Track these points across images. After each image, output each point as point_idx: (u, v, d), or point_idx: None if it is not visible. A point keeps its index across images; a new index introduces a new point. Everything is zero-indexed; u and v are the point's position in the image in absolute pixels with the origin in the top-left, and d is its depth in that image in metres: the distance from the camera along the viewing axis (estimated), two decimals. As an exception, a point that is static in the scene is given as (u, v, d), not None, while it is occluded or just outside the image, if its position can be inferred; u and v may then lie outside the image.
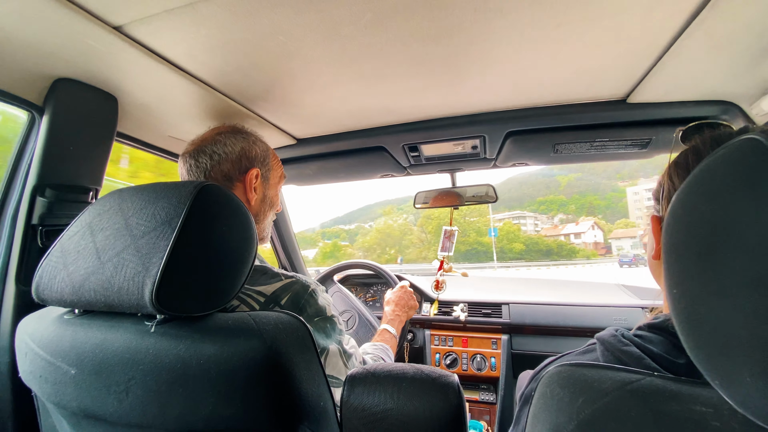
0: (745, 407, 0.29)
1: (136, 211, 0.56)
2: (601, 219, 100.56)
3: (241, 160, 0.81)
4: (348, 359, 0.79)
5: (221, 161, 0.79)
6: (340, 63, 0.75)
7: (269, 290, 0.73)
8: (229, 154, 0.80)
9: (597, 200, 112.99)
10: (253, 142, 0.84)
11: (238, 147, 0.81)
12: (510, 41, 0.68)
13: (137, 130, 1.00)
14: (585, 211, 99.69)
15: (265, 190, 0.87)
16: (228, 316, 0.56)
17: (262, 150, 0.85)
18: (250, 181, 0.82)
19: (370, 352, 1.07)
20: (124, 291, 0.52)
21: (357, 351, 0.85)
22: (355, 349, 0.84)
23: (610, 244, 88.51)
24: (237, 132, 0.83)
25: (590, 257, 73.12)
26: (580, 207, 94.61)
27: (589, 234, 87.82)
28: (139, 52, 0.69)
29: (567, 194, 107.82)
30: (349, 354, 0.80)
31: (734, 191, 0.31)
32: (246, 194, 0.82)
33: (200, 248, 0.54)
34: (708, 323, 0.31)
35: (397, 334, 1.28)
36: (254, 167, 0.83)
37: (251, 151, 0.83)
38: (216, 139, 0.80)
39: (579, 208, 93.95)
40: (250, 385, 0.50)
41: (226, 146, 0.80)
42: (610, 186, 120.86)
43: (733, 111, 0.88)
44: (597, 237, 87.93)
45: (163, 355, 0.52)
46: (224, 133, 0.82)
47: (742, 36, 0.64)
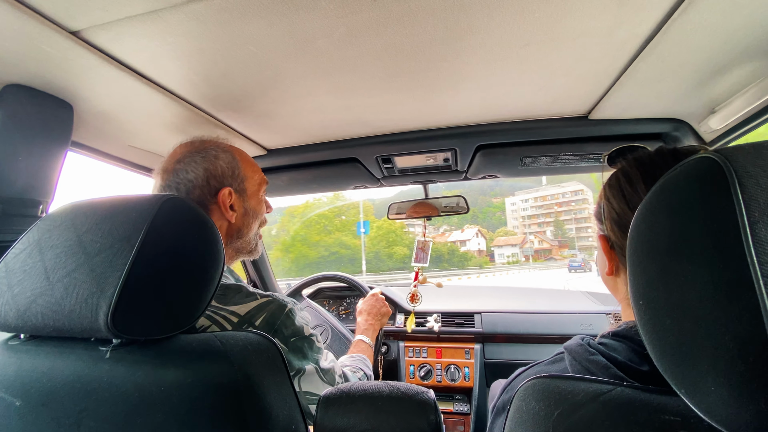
0: (710, 415, 0.30)
1: (90, 226, 0.52)
2: (483, 227, 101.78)
3: (209, 182, 0.76)
4: (325, 375, 0.77)
5: (189, 191, 0.74)
6: (313, 75, 0.75)
7: (243, 310, 0.69)
8: (195, 180, 0.74)
9: (476, 211, 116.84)
10: (214, 157, 0.77)
11: (201, 170, 0.75)
12: (480, 59, 0.70)
13: (94, 140, 0.94)
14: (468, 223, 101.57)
15: (245, 203, 0.82)
16: (192, 338, 0.53)
17: (227, 163, 0.79)
18: (223, 202, 0.77)
19: (348, 364, 1.04)
20: (76, 314, 0.48)
21: (336, 364, 0.83)
22: (333, 363, 0.82)
23: (493, 252, 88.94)
24: (195, 152, 0.77)
25: (483, 265, 70.51)
26: (462, 218, 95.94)
27: (474, 241, 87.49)
28: (99, 58, 0.66)
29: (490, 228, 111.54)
30: (327, 369, 0.78)
31: (691, 206, 0.32)
32: (224, 215, 0.77)
33: (161, 266, 0.51)
34: (673, 333, 0.32)
35: (372, 343, 1.26)
36: (224, 186, 0.77)
37: (216, 169, 0.77)
38: (176, 168, 0.74)
39: (461, 219, 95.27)
40: (216, 412, 0.47)
41: (189, 173, 0.74)
42: (485, 201, 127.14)
43: (684, 128, 0.95)
44: (481, 245, 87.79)
45: (119, 382, 0.48)
46: (183, 159, 0.75)
47: (691, 60, 0.68)
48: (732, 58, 0.67)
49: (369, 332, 1.30)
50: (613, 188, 0.55)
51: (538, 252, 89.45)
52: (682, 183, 0.34)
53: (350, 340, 1.55)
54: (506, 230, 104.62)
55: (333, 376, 0.79)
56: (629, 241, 0.39)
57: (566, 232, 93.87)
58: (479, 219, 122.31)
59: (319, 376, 0.76)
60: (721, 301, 0.29)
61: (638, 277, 0.37)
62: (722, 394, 0.28)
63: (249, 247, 0.85)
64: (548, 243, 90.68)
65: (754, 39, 0.62)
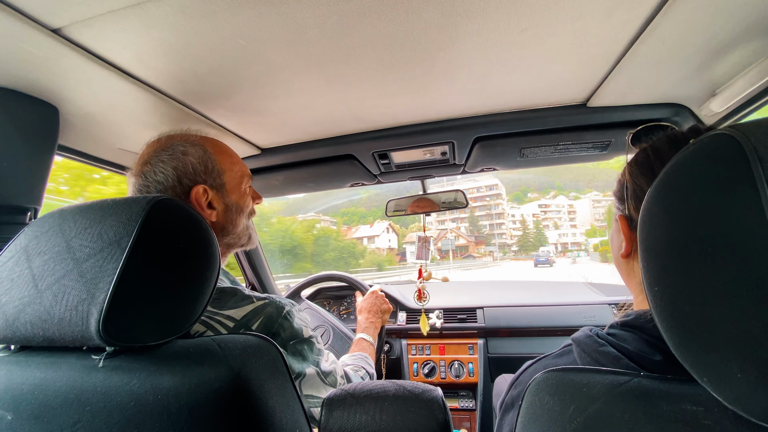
0: (737, 404, 0.29)
1: (79, 231, 0.50)
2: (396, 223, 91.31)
3: (181, 181, 0.71)
4: (327, 377, 0.75)
5: (163, 192, 0.70)
6: (305, 68, 0.72)
7: (239, 314, 0.67)
8: (164, 181, 0.70)
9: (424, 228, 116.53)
10: (182, 153, 0.72)
11: (170, 169, 0.70)
12: (476, 46, 0.69)
13: (82, 143, 0.91)
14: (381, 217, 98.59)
15: (225, 199, 0.77)
16: (189, 343, 0.51)
17: (198, 158, 0.73)
18: (198, 201, 0.72)
19: (350, 363, 1.02)
20: (66, 322, 0.46)
21: (337, 365, 0.81)
22: (335, 364, 0.80)
23: (404, 250, 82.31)
24: (161, 151, 0.72)
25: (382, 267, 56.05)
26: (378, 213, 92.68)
27: (384, 238, 77.40)
28: (82, 56, 0.63)
29: (367, 207, 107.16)
30: (328, 372, 0.76)
31: (709, 184, 0.31)
32: (203, 214, 0.72)
33: (155, 270, 0.49)
34: (692, 320, 0.31)
35: (374, 341, 1.25)
36: (197, 184, 0.72)
37: (186, 167, 0.71)
38: (144, 171, 0.70)
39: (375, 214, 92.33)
40: (217, 419, 0.45)
41: (156, 174, 0.70)
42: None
43: (684, 113, 0.93)
44: (391, 241, 79.12)
45: (114, 392, 0.46)
46: (149, 160, 0.71)
47: (691, 41, 0.67)
48: (734, 37, 0.66)
49: (370, 330, 1.28)
50: (641, 165, 0.52)
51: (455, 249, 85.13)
52: (697, 161, 0.33)
53: (352, 339, 1.54)
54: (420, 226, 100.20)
55: (335, 378, 0.78)
56: (641, 224, 0.38)
57: (481, 229, 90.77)
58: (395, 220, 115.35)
59: (321, 378, 0.74)
60: (744, 283, 0.27)
61: (653, 262, 0.35)
62: (749, 380, 0.27)
63: (240, 242, 0.81)
64: (465, 239, 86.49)
65: (757, 16, 0.61)
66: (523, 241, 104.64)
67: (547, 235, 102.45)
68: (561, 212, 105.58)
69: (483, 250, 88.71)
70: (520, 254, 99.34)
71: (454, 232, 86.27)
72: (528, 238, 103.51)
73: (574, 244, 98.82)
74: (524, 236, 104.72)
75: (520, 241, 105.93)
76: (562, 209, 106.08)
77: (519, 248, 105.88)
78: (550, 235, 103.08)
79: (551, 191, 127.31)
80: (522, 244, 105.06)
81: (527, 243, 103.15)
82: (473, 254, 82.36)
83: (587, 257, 73.97)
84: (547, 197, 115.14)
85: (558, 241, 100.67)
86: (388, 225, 79.86)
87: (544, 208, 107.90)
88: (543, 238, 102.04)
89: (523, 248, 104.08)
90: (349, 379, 0.85)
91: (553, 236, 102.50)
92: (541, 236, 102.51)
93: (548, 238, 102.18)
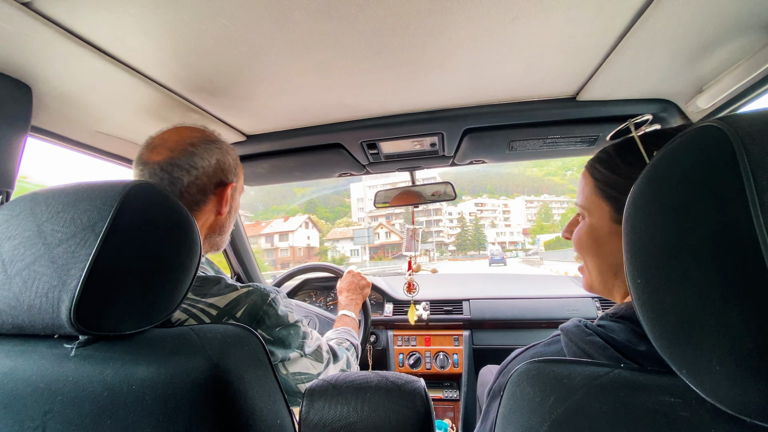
0: (715, 396, 0.29)
1: (51, 215, 0.48)
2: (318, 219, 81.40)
3: (217, 174, 0.75)
4: (313, 355, 0.78)
5: (199, 176, 0.72)
6: (291, 52, 0.70)
7: (223, 302, 0.67)
8: (206, 167, 0.73)
9: (327, 212, 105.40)
10: (226, 151, 0.78)
11: (214, 159, 0.75)
12: (467, 33, 0.67)
13: (57, 125, 0.87)
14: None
15: (233, 201, 0.81)
16: (166, 332, 0.49)
17: (233, 159, 0.80)
18: (225, 198, 0.77)
19: (333, 337, 1.06)
20: (36, 309, 0.45)
21: (321, 341, 0.83)
22: (319, 341, 0.82)
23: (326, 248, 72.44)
24: (210, 141, 0.76)
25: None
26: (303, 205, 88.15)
27: (301, 234, 62.59)
28: (55, 33, 0.60)
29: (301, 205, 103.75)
30: (314, 351, 0.78)
31: (694, 176, 0.30)
32: (219, 208, 0.76)
33: (131, 257, 0.47)
34: (674, 312, 0.31)
35: (356, 317, 1.29)
36: (230, 182, 0.78)
37: (226, 163, 0.77)
38: (190, 150, 0.72)
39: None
40: (194, 410, 0.44)
41: (203, 159, 0.73)
42: (338, 201, 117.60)
43: (671, 109, 0.94)
44: (311, 238, 64.24)
45: (86, 382, 0.45)
46: (197, 144, 0.74)
47: (681, 35, 0.67)
48: (722, 33, 0.66)
49: (351, 306, 1.32)
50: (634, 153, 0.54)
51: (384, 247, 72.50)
52: (684, 153, 0.32)
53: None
54: (348, 221, 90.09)
55: (320, 354, 0.80)
56: (626, 217, 0.38)
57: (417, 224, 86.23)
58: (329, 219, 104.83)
59: (307, 358, 0.76)
60: (727, 275, 0.27)
61: (636, 254, 0.35)
62: (728, 373, 0.27)
63: (221, 244, 0.84)
64: (399, 236, 72.55)
65: (745, 12, 0.61)
66: (462, 239, 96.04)
67: (486, 234, 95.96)
68: (496, 211, 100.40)
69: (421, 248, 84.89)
70: (458, 254, 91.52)
71: (385, 227, 74.13)
72: (467, 237, 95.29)
73: (512, 243, 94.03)
74: (462, 235, 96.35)
75: (458, 240, 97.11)
76: (498, 208, 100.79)
77: (457, 248, 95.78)
78: (488, 234, 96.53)
79: (483, 194, 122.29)
80: (460, 243, 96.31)
81: (465, 242, 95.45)
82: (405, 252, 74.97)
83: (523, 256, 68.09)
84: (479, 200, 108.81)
85: (495, 240, 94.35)
86: (307, 219, 66.22)
87: (481, 207, 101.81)
88: (482, 237, 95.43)
89: (461, 248, 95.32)
90: (334, 354, 0.88)
91: (491, 235, 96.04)
92: (480, 235, 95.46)
93: (487, 236, 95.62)
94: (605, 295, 0.60)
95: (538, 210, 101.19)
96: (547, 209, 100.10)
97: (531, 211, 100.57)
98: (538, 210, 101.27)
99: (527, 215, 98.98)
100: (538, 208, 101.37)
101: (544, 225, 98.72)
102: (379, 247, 70.84)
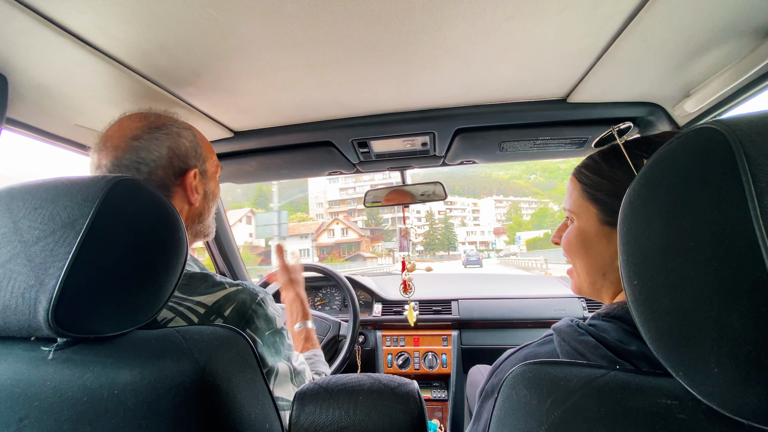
0: (712, 398, 0.29)
1: (29, 211, 0.46)
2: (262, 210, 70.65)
3: (173, 162, 0.69)
4: (296, 376, 0.73)
5: (151, 171, 0.67)
6: (281, 46, 0.68)
7: (210, 300, 0.64)
8: (158, 159, 0.67)
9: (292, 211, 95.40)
10: (177, 135, 0.71)
11: (165, 148, 0.68)
12: (461, 32, 0.67)
13: (34, 117, 0.84)
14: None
15: (205, 186, 0.77)
16: (150, 334, 0.47)
17: (191, 141, 0.73)
18: (190, 185, 0.72)
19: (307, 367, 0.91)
20: (11, 310, 0.43)
21: (306, 368, 0.79)
22: (304, 365, 0.78)
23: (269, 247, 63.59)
24: (155, 128, 0.69)
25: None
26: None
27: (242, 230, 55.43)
28: (33, 20, 0.57)
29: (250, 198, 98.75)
30: (299, 371, 0.74)
31: (692, 178, 0.30)
32: (189, 198, 0.72)
33: (113, 255, 0.45)
34: (671, 314, 0.30)
35: (312, 322, 1.10)
36: (190, 167, 0.72)
37: (180, 148, 0.70)
38: (134, 145, 0.66)
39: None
40: (179, 414, 0.42)
41: (151, 152, 0.67)
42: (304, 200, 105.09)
43: (658, 112, 0.95)
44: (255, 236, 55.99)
45: (65, 386, 0.43)
46: (141, 136, 0.67)
47: (671, 40, 0.68)
48: (711, 38, 0.67)
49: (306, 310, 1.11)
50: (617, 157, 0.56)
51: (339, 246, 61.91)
52: (681, 155, 0.32)
53: (328, 318, 1.54)
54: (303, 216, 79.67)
55: (303, 380, 0.76)
56: (621, 217, 0.38)
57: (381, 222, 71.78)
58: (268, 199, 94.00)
59: (291, 376, 0.72)
60: (726, 277, 0.27)
61: (633, 256, 0.35)
62: (726, 375, 0.27)
63: (207, 230, 0.80)
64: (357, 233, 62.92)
65: (733, 18, 0.62)
66: (430, 239, 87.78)
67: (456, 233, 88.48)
68: (466, 210, 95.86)
69: (380, 249, 66.69)
70: (426, 254, 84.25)
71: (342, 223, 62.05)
72: (435, 236, 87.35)
73: (483, 244, 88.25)
74: (431, 233, 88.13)
75: (427, 240, 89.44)
76: (467, 207, 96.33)
77: (425, 247, 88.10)
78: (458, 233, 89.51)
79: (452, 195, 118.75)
80: (428, 243, 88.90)
81: (434, 241, 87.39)
82: (363, 253, 58.99)
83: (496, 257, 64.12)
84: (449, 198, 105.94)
85: (466, 240, 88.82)
86: (249, 212, 57.00)
87: (450, 205, 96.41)
88: (452, 236, 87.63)
89: (429, 248, 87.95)
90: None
91: (461, 234, 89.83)
92: (450, 234, 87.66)
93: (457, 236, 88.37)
94: (594, 296, 0.61)
95: (508, 209, 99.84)
96: (516, 208, 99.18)
97: (500, 211, 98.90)
98: (507, 209, 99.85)
99: (496, 215, 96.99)
100: (508, 207, 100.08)
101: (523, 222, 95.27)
102: (333, 246, 60.62)
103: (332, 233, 61.89)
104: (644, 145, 0.55)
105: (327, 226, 60.52)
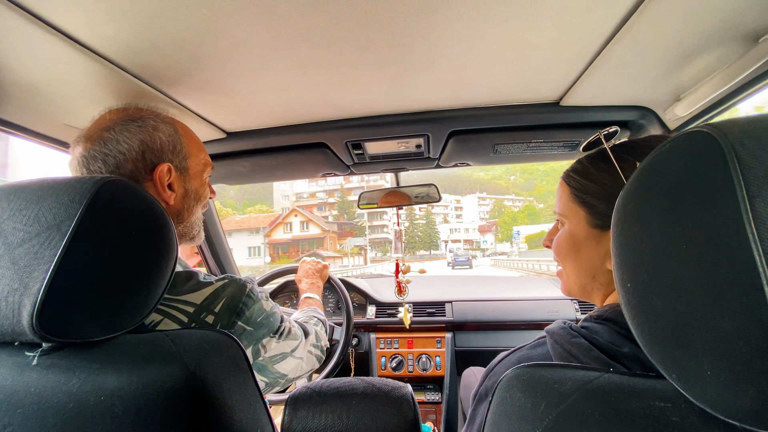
0: (704, 400, 0.29)
1: (13, 213, 0.45)
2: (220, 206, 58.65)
3: (145, 156, 0.67)
4: (287, 336, 0.76)
5: (119, 164, 0.65)
6: (275, 46, 0.68)
7: (199, 298, 0.64)
8: (128, 152, 0.65)
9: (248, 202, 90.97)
10: (153, 128, 0.69)
11: (136, 141, 0.66)
12: (456, 34, 0.67)
13: (21, 117, 0.82)
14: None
15: (185, 184, 0.74)
16: (138, 338, 0.46)
17: (168, 136, 0.71)
18: (160, 180, 0.69)
19: (300, 317, 1.07)
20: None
21: (291, 321, 0.82)
22: (288, 322, 0.80)
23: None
24: (129, 120, 0.68)
25: None
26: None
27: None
28: (20, 17, 0.56)
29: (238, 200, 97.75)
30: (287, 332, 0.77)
31: (685, 181, 0.30)
32: (160, 195, 0.69)
33: (101, 257, 0.44)
34: (664, 316, 0.31)
35: (319, 297, 1.30)
36: (162, 162, 0.69)
37: (154, 142, 0.68)
38: (105, 137, 0.65)
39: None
40: (168, 422, 0.42)
41: (120, 144, 0.65)
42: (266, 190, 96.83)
43: (649, 116, 0.97)
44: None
45: (50, 393, 0.42)
46: (113, 127, 0.66)
47: (663, 44, 0.68)
48: (701, 43, 0.68)
49: (313, 289, 1.32)
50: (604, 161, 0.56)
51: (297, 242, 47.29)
52: (673, 158, 0.32)
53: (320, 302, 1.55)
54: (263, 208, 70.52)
55: (292, 332, 0.79)
56: (614, 221, 0.38)
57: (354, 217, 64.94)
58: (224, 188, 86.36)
59: (283, 341, 0.75)
60: (718, 279, 0.27)
61: (626, 258, 0.35)
62: (719, 377, 0.27)
63: (191, 233, 0.78)
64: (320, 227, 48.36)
65: (723, 23, 0.62)
66: (410, 236, 77.72)
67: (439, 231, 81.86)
68: (449, 207, 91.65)
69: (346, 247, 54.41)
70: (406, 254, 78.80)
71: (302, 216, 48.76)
72: (416, 234, 79.04)
73: (467, 242, 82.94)
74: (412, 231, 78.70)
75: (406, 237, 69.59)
76: (450, 204, 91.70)
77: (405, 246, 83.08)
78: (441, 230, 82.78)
79: None
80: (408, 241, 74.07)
81: (415, 239, 78.91)
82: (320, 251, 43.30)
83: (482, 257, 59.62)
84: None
85: (449, 238, 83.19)
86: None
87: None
88: (435, 234, 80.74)
89: (409, 246, 73.27)
90: (304, 329, 0.88)
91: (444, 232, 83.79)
92: (433, 232, 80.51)
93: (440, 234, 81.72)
94: (584, 297, 0.62)
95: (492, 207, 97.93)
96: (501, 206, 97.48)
97: (484, 208, 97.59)
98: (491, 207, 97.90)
99: (480, 213, 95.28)
100: (491, 205, 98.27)
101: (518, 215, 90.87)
102: (290, 242, 47.56)
103: (289, 227, 48.57)
104: (630, 148, 0.56)
105: (283, 218, 48.28)
